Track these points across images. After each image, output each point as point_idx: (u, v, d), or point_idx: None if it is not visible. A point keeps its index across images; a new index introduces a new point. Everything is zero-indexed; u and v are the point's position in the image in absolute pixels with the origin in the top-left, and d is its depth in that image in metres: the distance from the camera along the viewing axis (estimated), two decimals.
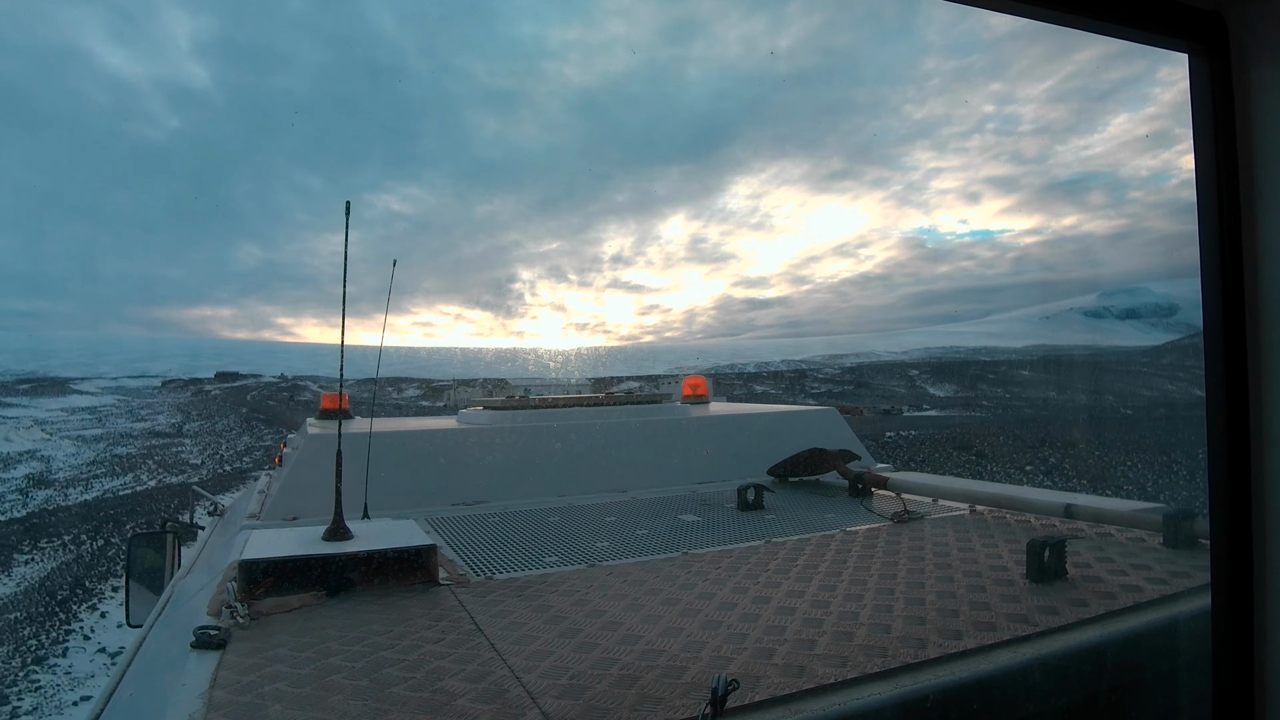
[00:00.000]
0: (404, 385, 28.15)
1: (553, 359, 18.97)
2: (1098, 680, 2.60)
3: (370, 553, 3.56)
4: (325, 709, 2.24)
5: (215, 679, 2.49)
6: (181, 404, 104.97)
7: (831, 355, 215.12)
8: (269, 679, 2.48)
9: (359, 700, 2.29)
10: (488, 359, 45.26)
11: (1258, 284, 1.80)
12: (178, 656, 2.80)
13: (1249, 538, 1.79)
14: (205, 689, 2.41)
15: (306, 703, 2.29)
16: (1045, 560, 3.24)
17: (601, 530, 4.75)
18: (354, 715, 2.20)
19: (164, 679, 2.72)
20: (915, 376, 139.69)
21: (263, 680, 2.47)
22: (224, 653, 2.73)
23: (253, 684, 2.44)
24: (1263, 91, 1.77)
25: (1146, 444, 37.12)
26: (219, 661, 2.65)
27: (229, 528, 5.79)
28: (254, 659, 2.66)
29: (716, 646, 2.63)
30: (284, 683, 2.44)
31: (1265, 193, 1.77)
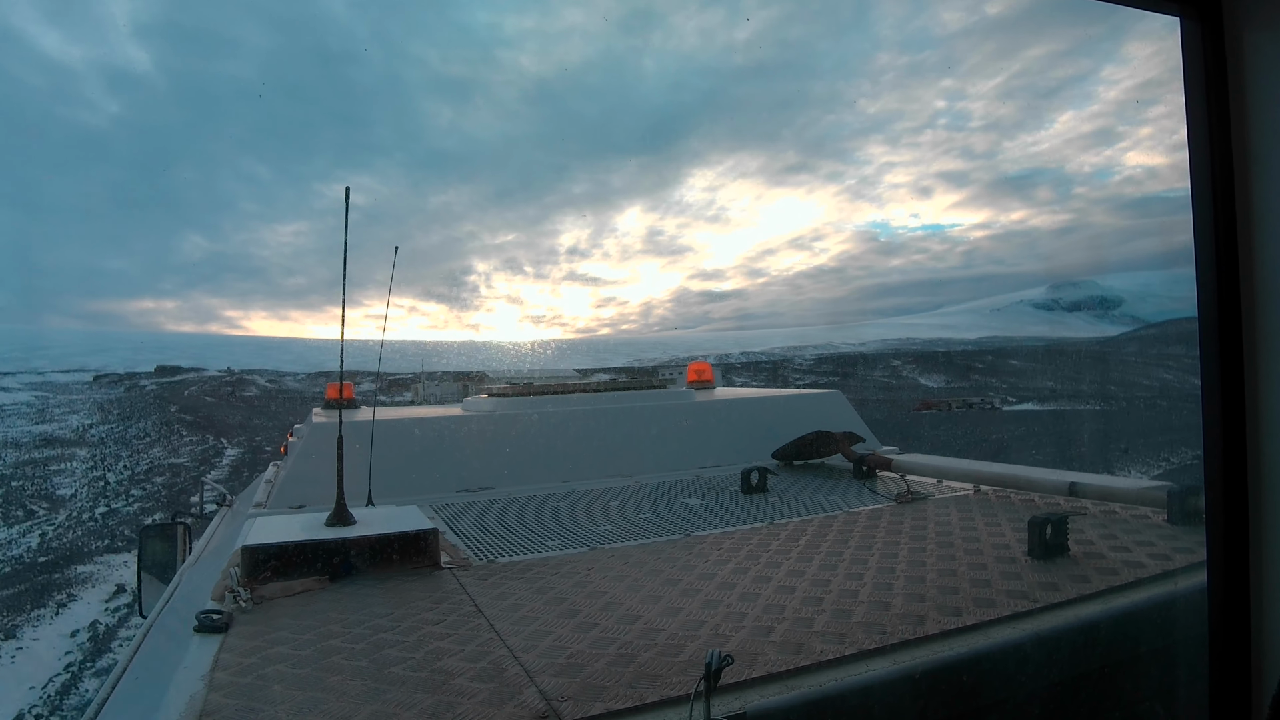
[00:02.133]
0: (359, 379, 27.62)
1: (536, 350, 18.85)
2: (1095, 655, 2.59)
3: (372, 537, 3.58)
4: (324, 688, 2.26)
5: (217, 661, 2.51)
6: (107, 402, 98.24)
7: (790, 347, 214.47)
8: (270, 660, 2.50)
9: (358, 680, 2.31)
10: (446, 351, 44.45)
11: (1253, 252, 1.78)
12: (181, 640, 2.83)
13: (1245, 515, 1.78)
14: (207, 670, 2.44)
15: (306, 683, 2.31)
16: (1047, 537, 3.23)
17: (605, 514, 4.77)
18: (353, 694, 2.21)
19: (168, 662, 2.75)
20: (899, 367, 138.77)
21: (264, 662, 2.49)
22: (226, 635, 2.76)
23: (254, 665, 2.46)
24: (1255, 55, 1.75)
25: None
26: (221, 644, 2.67)
27: (236, 517, 5.84)
28: (256, 641, 2.68)
29: (715, 625, 2.64)
30: (285, 664, 2.46)
31: (1259, 157, 1.74)
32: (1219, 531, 1.82)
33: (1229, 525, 1.80)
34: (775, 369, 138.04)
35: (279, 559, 3.42)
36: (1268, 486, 1.75)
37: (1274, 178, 1.72)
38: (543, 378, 8.98)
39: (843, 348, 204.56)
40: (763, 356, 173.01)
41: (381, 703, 2.16)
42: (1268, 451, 1.76)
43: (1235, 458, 1.79)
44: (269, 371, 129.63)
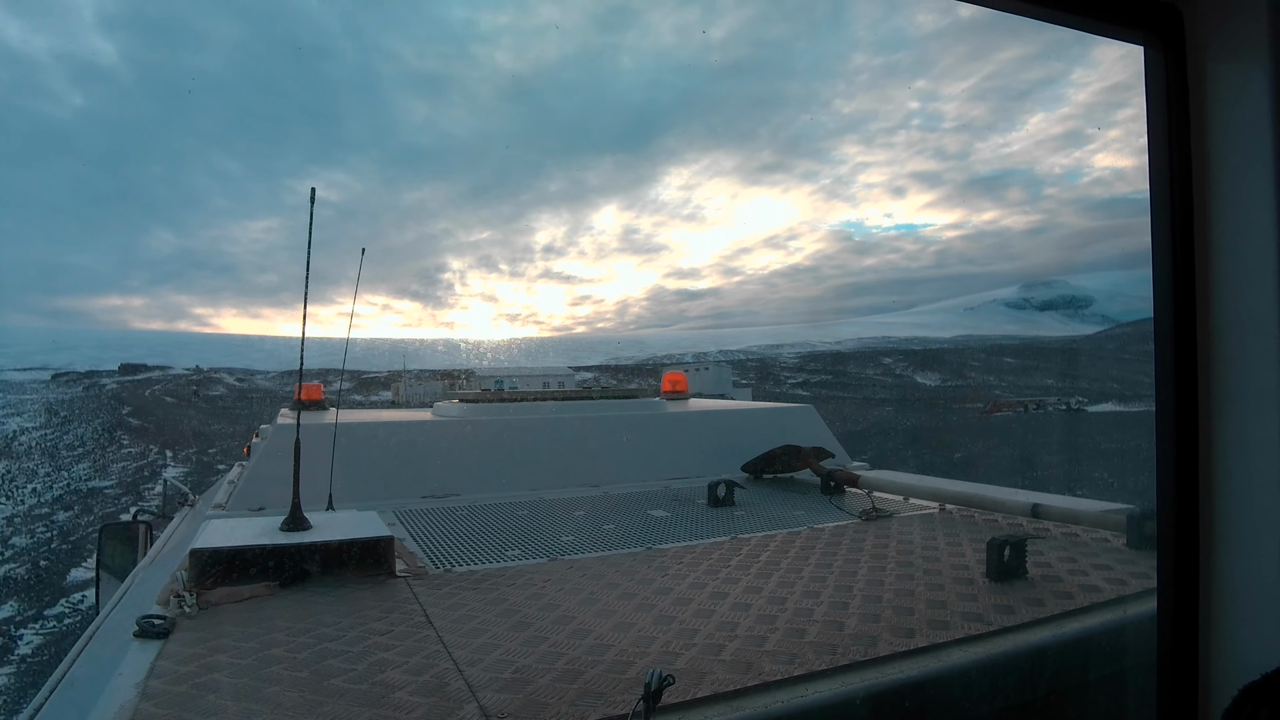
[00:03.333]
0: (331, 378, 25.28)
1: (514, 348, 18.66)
2: (1043, 682, 2.58)
3: (327, 543, 3.50)
4: (260, 699, 2.20)
5: (153, 668, 2.44)
6: (59, 402, 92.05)
7: (768, 346, 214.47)
8: (209, 668, 2.43)
9: (296, 691, 2.25)
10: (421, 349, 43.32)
11: (1209, 276, 1.77)
12: (122, 645, 2.75)
13: (1196, 543, 1.76)
14: (141, 678, 2.37)
15: (242, 693, 2.24)
16: (1005, 559, 3.22)
17: (568, 525, 4.72)
18: (289, 705, 2.15)
19: (104, 669, 2.67)
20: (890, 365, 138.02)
21: (202, 670, 2.42)
22: (166, 642, 2.68)
23: (190, 673, 2.39)
24: (1216, 84, 1.75)
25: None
26: (160, 651, 2.60)
27: (196, 518, 5.73)
28: (196, 649, 2.61)
29: (666, 642, 2.60)
30: (223, 672, 2.39)
31: (1217, 182, 1.74)
32: (1169, 557, 1.81)
33: (1180, 550, 1.79)
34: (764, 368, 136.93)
35: (229, 563, 3.34)
36: (1220, 511, 1.74)
37: (1231, 202, 1.72)
38: (537, 375, 8.92)
39: (820, 346, 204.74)
40: (740, 355, 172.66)
41: (318, 716, 2.10)
42: (1220, 477, 1.75)
43: (1187, 481, 1.78)
44: (239, 370, 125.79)
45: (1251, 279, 1.69)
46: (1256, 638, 1.67)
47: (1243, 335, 1.70)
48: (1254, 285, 1.68)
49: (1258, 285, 1.67)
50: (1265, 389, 1.65)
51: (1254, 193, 1.68)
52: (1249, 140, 1.69)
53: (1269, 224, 1.65)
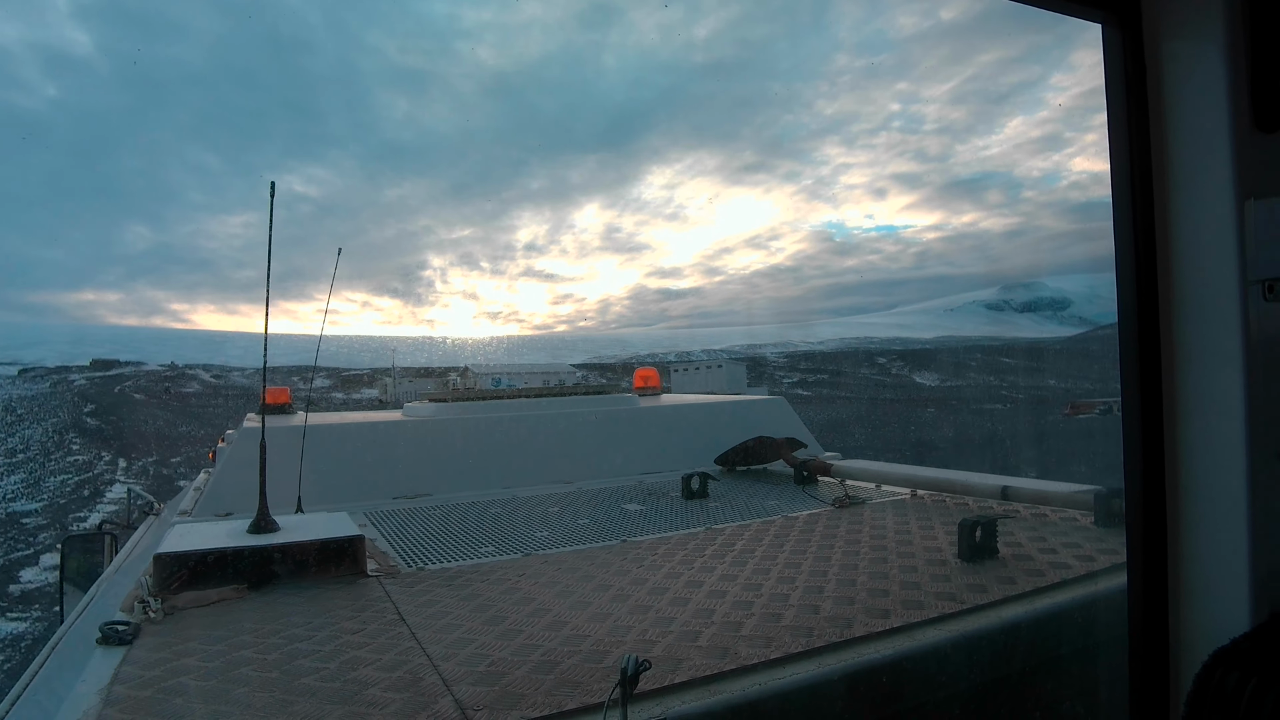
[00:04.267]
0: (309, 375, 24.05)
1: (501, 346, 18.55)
2: (1017, 657, 2.61)
3: (296, 544, 3.44)
4: (229, 701, 2.15)
5: (117, 674, 2.38)
6: (19, 399, 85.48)
7: (750, 345, 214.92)
8: (175, 672, 2.38)
9: (266, 691, 2.20)
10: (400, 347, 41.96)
11: (1170, 254, 1.80)
12: (85, 653, 2.68)
13: (1163, 517, 1.79)
14: (105, 684, 2.31)
15: (210, 695, 2.19)
16: (976, 540, 3.25)
17: (542, 521, 4.69)
18: (259, 706, 2.11)
19: (67, 676, 2.60)
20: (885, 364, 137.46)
21: (168, 674, 2.36)
22: (131, 648, 2.62)
23: (156, 678, 2.33)
24: (1173, 59, 1.77)
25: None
26: (124, 656, 2.54)
27: (162, 526, 5.61)
28: (162, 653, 2.55)
29: (642, 630, 2.59)
30: (190, 676, 2.34)
31: (1175, 157, 1.77)
32: (1139, 533, 1.84)
33: (1148, 527, 1.81)
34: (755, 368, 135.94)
35: (195, 567, 3.27)
36: (1184, 489, 1.77)
37: (1188, 176, 1.74)
38: (537, 373, 8.85)
39: (802, 346, 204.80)
40: (724, 354, 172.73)
41: (289, 715, 2.06)
42: (1185, 455, 1.77)
43: (1154, 461, 1.81)
44: (215, 366, 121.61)
45: (1209, 251, 1.71)
46: (1224, 605, 1.70)
47: (1202, 312, 1.73)
48: (1213, 261, 1.71)
49: (1216, 257, 1.70)
50: (1227, 366, 1.68)
51: (1211, 165, 1.70)
52: (1206, 114, 1.71)
53: (1226, 200, 1.67)
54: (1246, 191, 1.65)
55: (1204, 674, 1.59)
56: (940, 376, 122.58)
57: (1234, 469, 1.67)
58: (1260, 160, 1.67)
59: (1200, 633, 1.75)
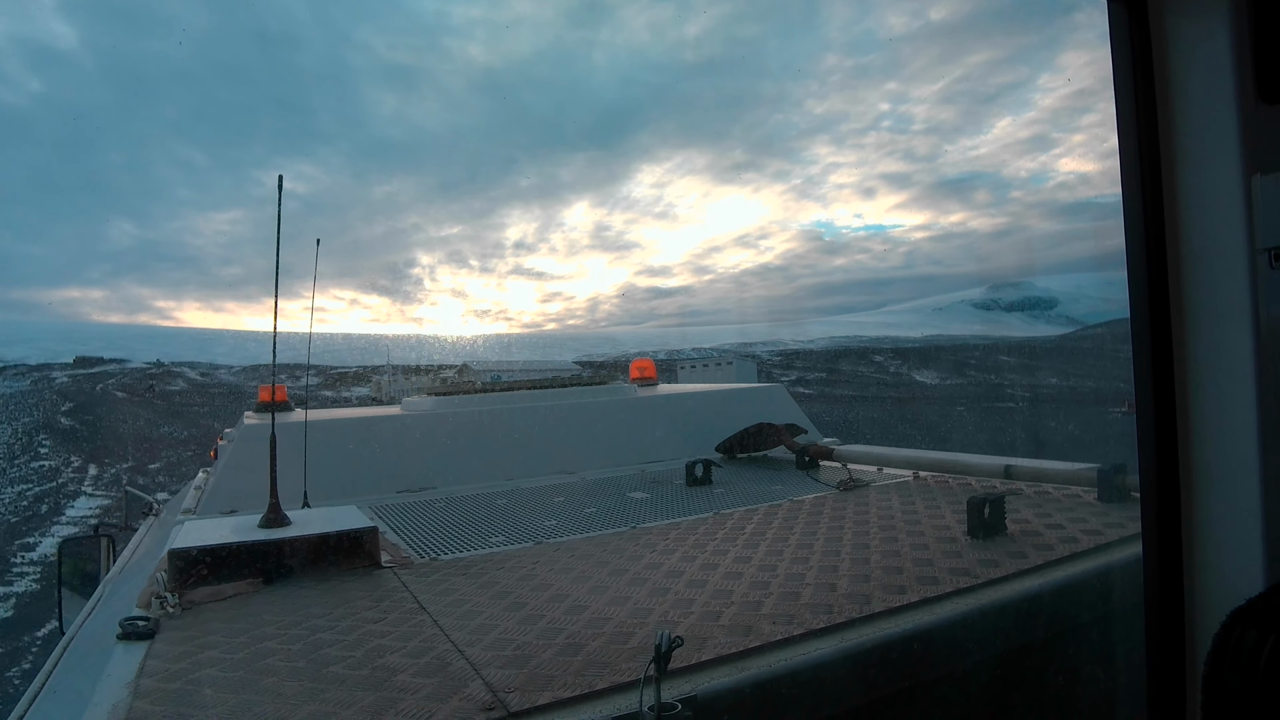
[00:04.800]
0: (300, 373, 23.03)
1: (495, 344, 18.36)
2: (1036, 626, 2.66)
3: (309, 537, 3.46)
4: (259, 690, 2.17)
5: (143, 668, 2.39)
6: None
7: (740, 344, 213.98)
8: (200, 665, 2.39)
9: (295, 680, 2.22)
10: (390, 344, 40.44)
11: (1179, 228, 1.83)
12: (104, 649, 2.68)
13: (1176, 489, 1.83)
14: (132, 678, 2.32)
15: (239, 685, 2.21)
16: (985, 516, 3.30)
17: (549, 510, 4.71)
18: (289, 695, 2.13)
19: (89, 672, 2.61)
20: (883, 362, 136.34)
21: (194, 666, 2.38)
22: (153, 642, 2.63)
23: (182, 671, 2.35)
24: (1177, 34, 1.80)
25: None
26: (147, 650, 2.54)
27: (163, 526, 5.61)
28: (184, 647, 2.56)
29: (663, 612, 2.62)
30: (216, 668, 2.35)
31: (1182, 131, 1.80)
32: (1152, 503, 1.88)
33: (1161, 496, 1.85)
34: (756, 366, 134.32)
35: (209, 562, 3.28)
36: (1196, 463, 1.81)
37: (1195, 149, 1.78)
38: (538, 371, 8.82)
39: (791, 344, 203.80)
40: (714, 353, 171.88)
41: (320, 702, 2.08)
42: (1197, 423, 1.81)
43: (1166, 436, 1.84)
44: (201, 364, 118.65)
45: (1217, 223, 1.75)
46: (1239, 567, 1.74)
47: (1212, 282, 1.77)
48: (1222, 234, 1.74)
49: (1225, 234, 1.74)
50: (1237, 339, 1.72)
51: (1219, 140, 1.74)
52: (1212, 88, 1.75)
53: (1234, 173, 1.71)
54: (1253, 164, 1.69)
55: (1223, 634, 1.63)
56: (940, 374, 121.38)
57: (1246, 435, 1.71)
58: (1266, 132, 1.71)
59: (1216, 595, 1.79)
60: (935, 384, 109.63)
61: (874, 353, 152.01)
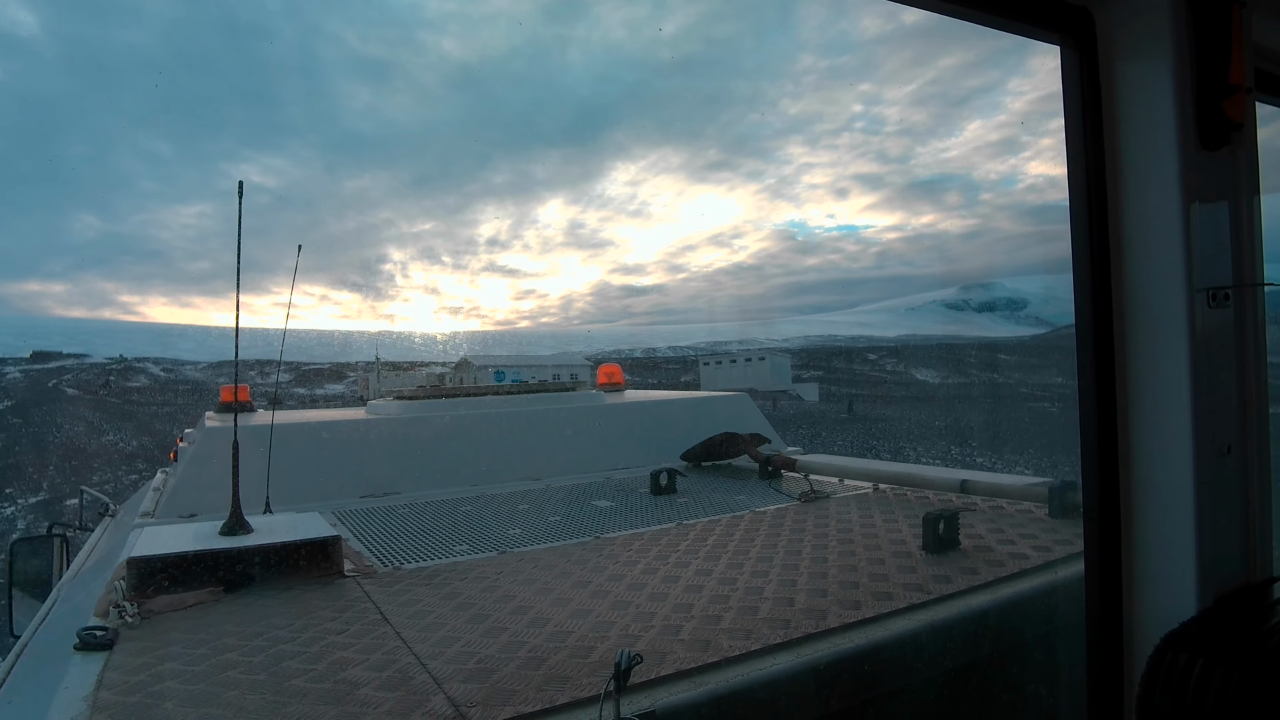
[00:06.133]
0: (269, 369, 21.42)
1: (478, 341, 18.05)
2: (986, 642, 2.74)
3: (271, 545, 3.44)
4: (220, 704, 2.17)
5: (101, 680, 2.38)
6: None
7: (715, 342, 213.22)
8: (160, 677, 2.38)
9: (257, 694, 2.22)
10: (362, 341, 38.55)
11: (1123, 262, 1.93)
12: (60, 659, 2.65)
13: (1117, 509, 1.92)
14: (90, 690, 2.30)
15: (200, 698, 2.21)
16: (940, 532, 3.39)
17: (514, 518, 4.73)
18: (251, 708, 2.13)
19: (45, 683, 2.58)
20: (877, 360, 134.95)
21: (153, 679, 2.37)
22: (111, 653, 2.61)
23: (142, 683, 2.34)
24: (1125, 82, 1.90)
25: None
26: (105, 662, 2.52)
27: (120, 528, 5.52)
28: (144, 658, 2.55)
29: (625, 625, 2.66)
30: (176, 680, 2.35)
31: (1127, 173, 1.90)
32: (1094, 524, 1.96)
33: (1103, 518, 1.94)
34: None
35: (169, 571, 3.25)
36: (1137, 482, 1.90)
37: (1139, 188, 1.87)
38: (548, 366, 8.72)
39: (768, 343, 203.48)
40: (690, 351, 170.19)
41: (282, 716, 2.09)
42: (1136, 450, 1.90)
43: (1108, 457, 1.93)
44: (166, 360, 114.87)
45: (1159, 264, 1.84)
46: (1173, 591, 1.83)
47: (1153, 317, 1.86)
48: (1161, 270, 1.84)
49: (1165, 270, 1.83)
50: (1174, 367, 1.81)
51: (1159, 180, 1.83)
52: (1155, 133, 1.84)
53: (1174, 212, 1.80)
54: (1191, 204, 1.79)
55: (1156, 656, 1.72)
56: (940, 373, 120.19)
57: (1181, 463, 1.81)
58: (1203, 175, 1.81)
59: (1152, 617, 1.88)
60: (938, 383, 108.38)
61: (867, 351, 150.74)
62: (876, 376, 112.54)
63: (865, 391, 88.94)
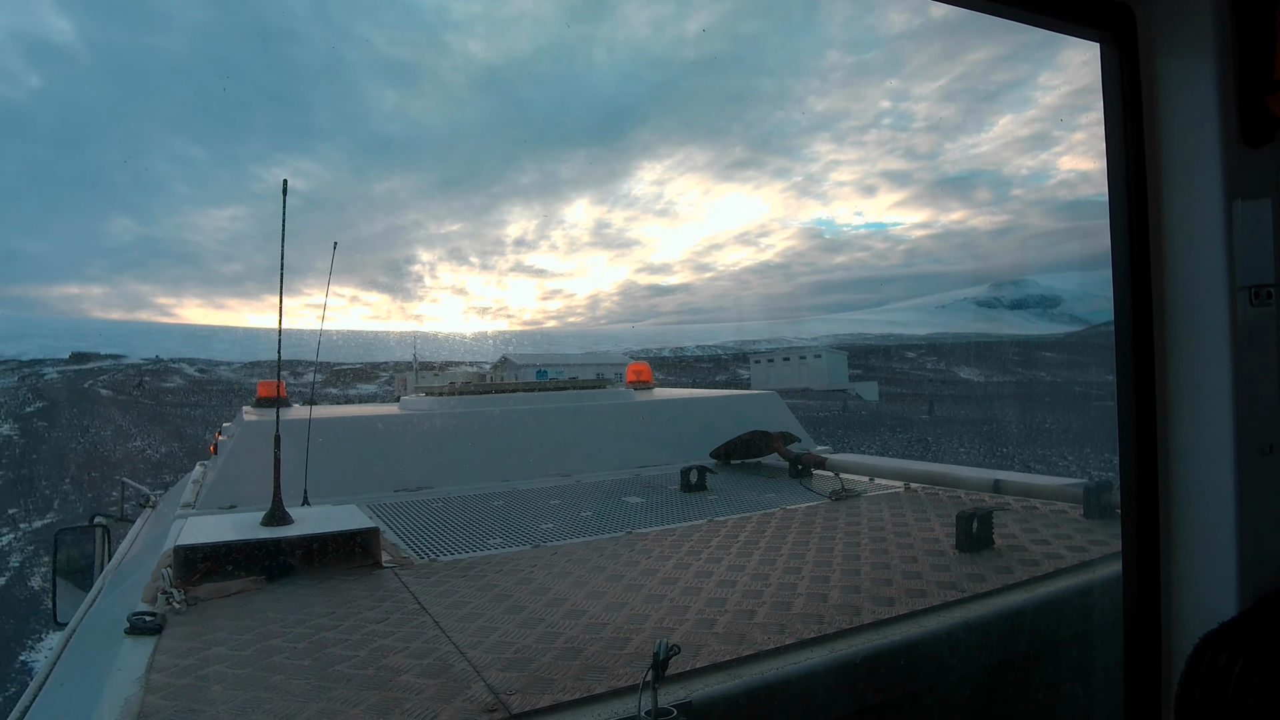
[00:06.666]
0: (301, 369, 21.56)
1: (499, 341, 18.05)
2: (1019, 641, 2.74)
3: (311, 536, 3.53)
4: (267, 687, 2.23)
5: (152, 663, 2.45)
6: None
7: (743, 341, 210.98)
8: (209, 661, 2.45)
9: (302, 679, 2.29)
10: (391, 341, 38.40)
11: (1163, 260, 1.92)
12: (111, 643, 2.74)
13: (1155, 509, 1.92)
14: (142, 673, 2.38)
15: (247, 682, 2.27)
16: (973, 531, 3.38)
17: (546, 513, 4.78)
18: (296, 693, 2.19)
19: (98, 666, 2.67)
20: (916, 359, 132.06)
21: (202, 663, 2.44)
22: (160, 637, 2.69)
23: (192, 666, 2.41)
24: (1166, 78, 1.89)
25: None
26: (155, 646, 2.61)
27: (160, 519, 5.65)
28: (192, 643, 2.62)
29: (659, 618, 2.69)
30: (224, 664, 2.42)
31: (1168, 170, 1.89)
32: (1132, 524, 1.96)
33: (1141, 518, 1.93)
34: None
35: (213, 559, 3.34)
36: (1176, 482, 1.89)
37: (1180, 189, 1.86)
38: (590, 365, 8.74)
39: (795, 342, 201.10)
40: (719, 350, 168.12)
41: (327, 700, 2.14)
42: (1176, 450, 1.90)
43: (1147, 457, 1.93)
44: (201, 360, 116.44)
45: (1200, 262, 1.83)
46: (1213, 591, 1.82)
47: (1193, 315, 1.85)
48: (1203, 268, 1.83)
49: (1206, 268, 1.82)
50: (1215, 366, 1.80)
51: (1201, 180, 1.82)
52: (1196, 131, 1.83)
53: (1216, 210, 1.80)
54: (1234, 200, 1.78)
55: (1195, 656, 1.72)
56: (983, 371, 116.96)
57: (1222, 464, 1.80)
58: (1246, 173, 1.79)
59: (1190, 618, 1.87)
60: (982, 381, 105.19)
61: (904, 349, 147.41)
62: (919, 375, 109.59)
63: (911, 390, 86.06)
